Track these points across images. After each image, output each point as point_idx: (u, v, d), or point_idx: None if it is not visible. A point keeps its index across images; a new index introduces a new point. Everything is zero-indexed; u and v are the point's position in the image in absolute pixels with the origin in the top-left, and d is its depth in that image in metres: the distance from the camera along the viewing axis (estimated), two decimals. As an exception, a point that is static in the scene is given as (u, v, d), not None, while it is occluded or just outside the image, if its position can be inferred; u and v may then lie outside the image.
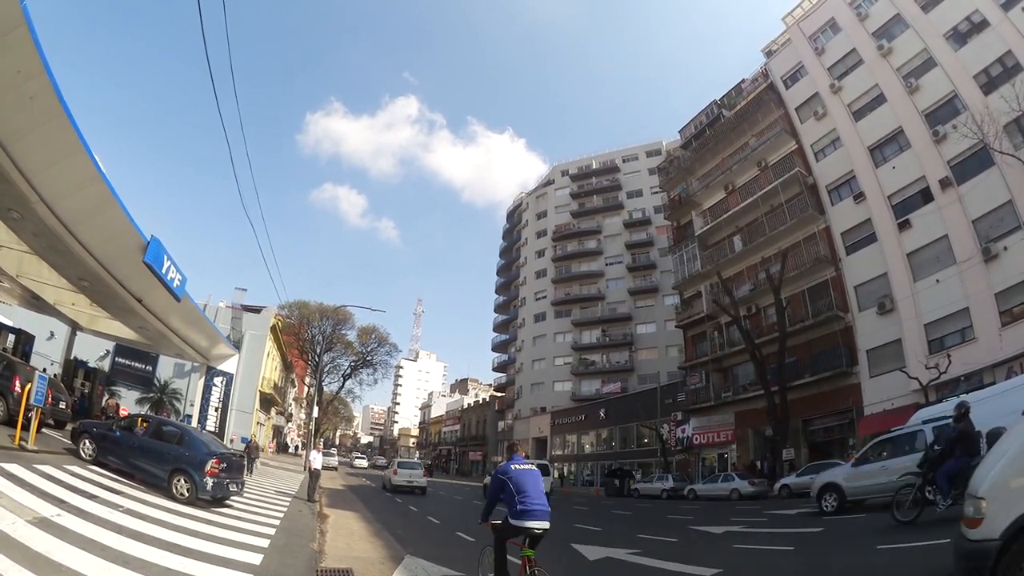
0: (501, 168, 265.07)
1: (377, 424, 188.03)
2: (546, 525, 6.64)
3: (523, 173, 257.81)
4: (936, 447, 11.45)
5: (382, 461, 69.01)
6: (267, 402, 53.34)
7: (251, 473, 22.63)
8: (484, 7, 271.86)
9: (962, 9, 27.53)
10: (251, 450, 25.75)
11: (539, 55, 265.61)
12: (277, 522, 12.63)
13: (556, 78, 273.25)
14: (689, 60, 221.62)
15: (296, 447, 75.93)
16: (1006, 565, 4.17)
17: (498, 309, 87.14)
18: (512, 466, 6.80)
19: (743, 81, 42.85)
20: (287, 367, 66.39)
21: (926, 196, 27.84)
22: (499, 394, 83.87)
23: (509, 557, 6.98)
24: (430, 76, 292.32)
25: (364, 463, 65.84)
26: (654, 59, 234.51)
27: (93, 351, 31.43)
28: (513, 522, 6.54)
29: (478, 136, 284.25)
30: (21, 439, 11.88)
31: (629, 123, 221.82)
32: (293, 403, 79.38)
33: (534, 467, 7.07)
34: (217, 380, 32.59)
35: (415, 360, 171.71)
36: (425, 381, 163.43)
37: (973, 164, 25.82)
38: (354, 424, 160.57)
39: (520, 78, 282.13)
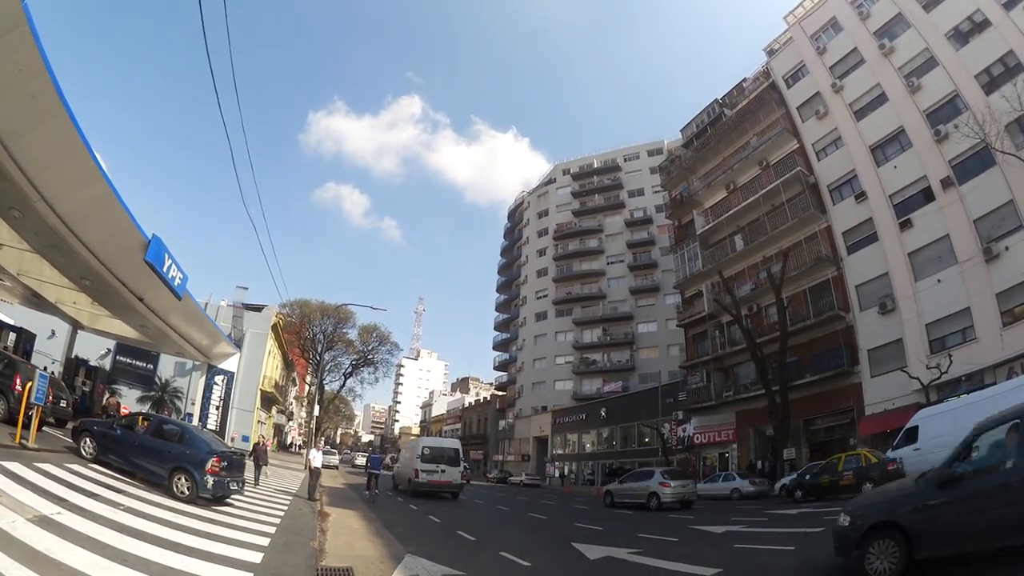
0: (505, 167, 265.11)
1: (378, 423, 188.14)
2: (376, 472, 23.09)
3: (527, 172, 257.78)
4: None
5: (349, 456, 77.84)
6: (268, 401, 53.36)
7: (257, 482, 20.27)
8: (488, 7, 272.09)
9: (963, 9, 27.46)
10: (258, 454, 22.02)
11: (543, 54, 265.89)
12: (278, 521, 12.64)
13: (560, 77, 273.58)
14: (691, 59, 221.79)
15: (297, 446, 76.03)
16: None
17: (499, 308, 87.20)
18: (374, 456, 25.53)
19: (744, 80, 42.78)
20: (288, 366, 66.38)
21: (927, 196, 27.80)
22: (500, 393, 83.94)
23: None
24: (434, 75, 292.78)
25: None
26: (656, 58, 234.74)
27: (94, 349, 31.46)
28: (368, 471, 23.69)
29: (482, 135, 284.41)
30: (22, 437, 11.90)
31: (631, 122, 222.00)
32: (294, 402, 79.39)
33: (378, 455, 27.51)
34: (218, 379, 32.61)
35: (416, 359, 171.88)
36: (426, 380, 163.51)
37: (974, 164, 25.77)
38: (355, 423, 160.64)
39: (524, 77, 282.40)
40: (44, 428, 14.66)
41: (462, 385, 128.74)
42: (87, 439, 13.57)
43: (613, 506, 25.08)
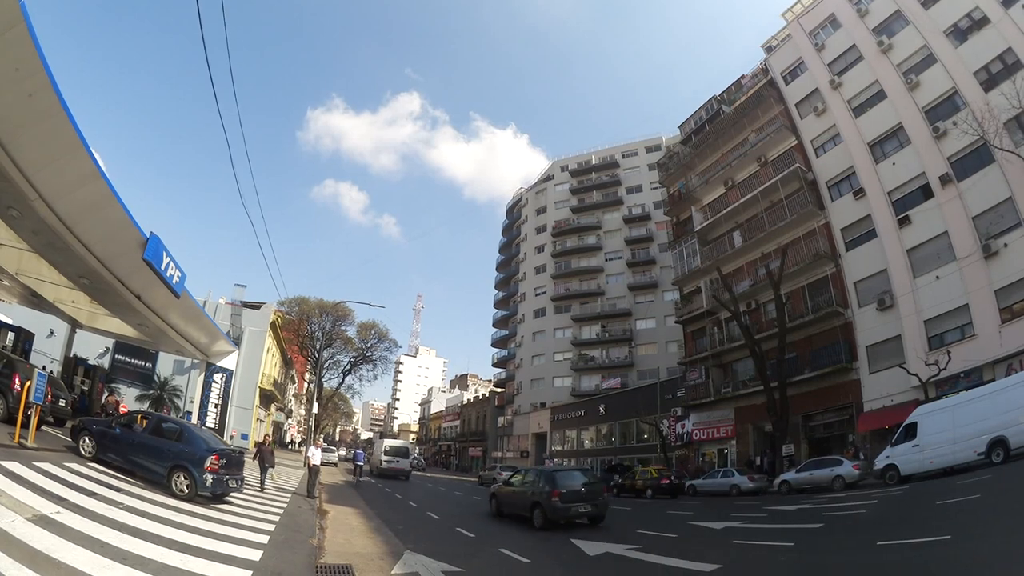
0: (503, 164, 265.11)
1: (377, 420, 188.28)
2: (360, 463, 33.91)
3: (525, 169, 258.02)
4: None
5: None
6: (267, 398, 53.38)
7: (263, 487, 18.34)
8: (487, 4, 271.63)
9: (962, 6, 27.42)
10: (264, 455, 19.76)
11: (542, 51, 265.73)
12: (276, 518, 12.66)
13: (558, 74, 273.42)
14: (689, 56, 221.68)
15: (296, 443, 76.04)
16: None
17: (498, 305, 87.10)
18: (358, 452, 36.82)
19: (743, 77, 42.75)
20: (287, 363, 66.42)
21: (926, 192, 27.79)
22: (499, 390, 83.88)
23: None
24: (433, 72, 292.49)
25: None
26: (655, 55, 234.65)
27: (93, 348, 31.50)
28: (355, 463, 34.28)
29: (481, 132, 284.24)
30: (21, 437, 11.90)
31: (630, 118, 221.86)
32: (293, 399, 79.38)
33: (362, 451, 38.06)
34: (217, 377, 32.54)
35: (415, 356, 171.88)
36: (425, 377, 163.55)
37: (973, 161, 25.77)
38: (354, 420, 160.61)
39: (523, 74, 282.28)
40: (43, 427, 14.66)
41: (461, 382, 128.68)
42: (86, 438, 13.57)
43: (483, 484, 38.04)
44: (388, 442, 43.19)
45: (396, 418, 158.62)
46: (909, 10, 29.75)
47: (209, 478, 12.21)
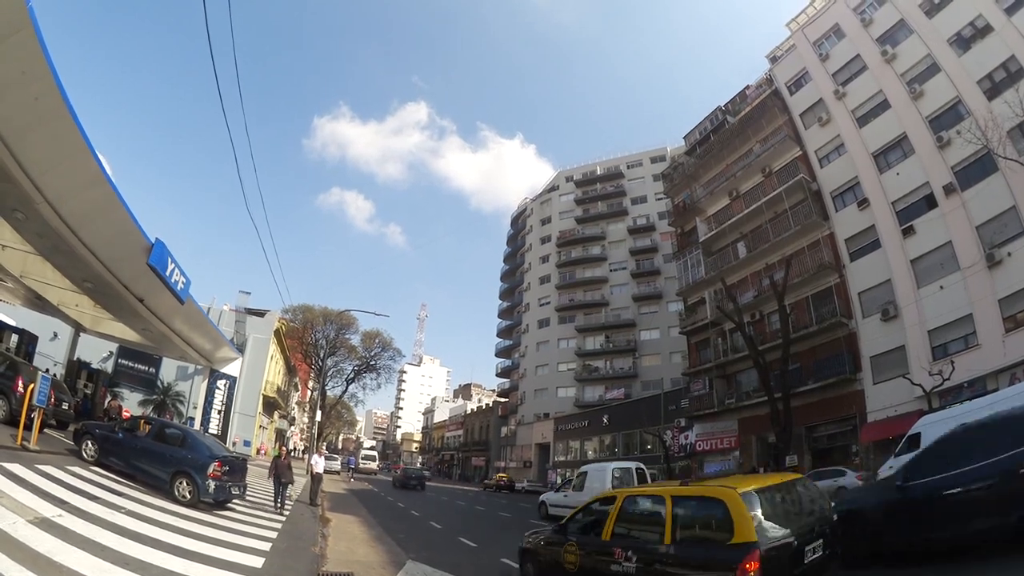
0: (510, 174, 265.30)
1: (380, 429, 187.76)
2: (352, 467, 54.32)
3: (532, 179, 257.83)
4: None
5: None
6: (270, 406, 53.33)
7: (282, 507, 15.76)
8: (496, 14, 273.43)
9: (965, 14, 27.47)
10: (280, 470, 16.47)
11: (549, 61, 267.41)
12: (279, 525, 12.62)
13: (566, 84, 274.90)
14: (694, 66, 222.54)
15: (300, 451, 75.93)
16: None
17: (502, 315, 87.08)
18: (350, 458, 61.73)
19: (747, 87, 42.81)
20: (290, 371, 66.39)
21: (930, 202, 27.74)
22: (502, 399, 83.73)
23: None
24: (440, 81, 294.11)
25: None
26: (660, 65, 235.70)
27: (96, 352, 31.49)
28: (348, 466, 52.56)
29: (488, 142, 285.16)
30: (23, 439, 11.90)
31: (636, 128, 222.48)
32: (296, 407, 79.29)
33: (352, 457, 63.36)
34: (220, 383, 32.64)
35: (419, 365, 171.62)
36: (428, 386, 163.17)
37: (977, 170, 25.72)
38: (357, 428, 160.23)
39: (531, 84, 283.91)
40: (45, 430, 14.66)
41: (464, 391, 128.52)
42: (88, 442, 13.57)
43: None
44: (364, 451, 75.15)
45: (399, 427, 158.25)
46: (913, 19, 29.81)
47: (212, 484, 12.19)
